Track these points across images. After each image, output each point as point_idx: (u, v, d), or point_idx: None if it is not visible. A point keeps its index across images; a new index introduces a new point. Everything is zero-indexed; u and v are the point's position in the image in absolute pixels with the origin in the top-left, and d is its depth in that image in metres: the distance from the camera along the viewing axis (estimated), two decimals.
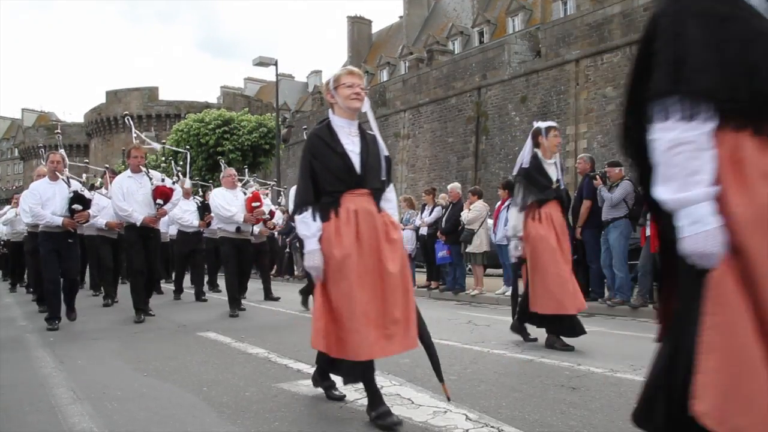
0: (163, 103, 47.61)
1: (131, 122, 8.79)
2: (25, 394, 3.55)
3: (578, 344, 4.74)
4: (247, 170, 15.26)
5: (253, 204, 7.70)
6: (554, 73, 22.25)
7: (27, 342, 5.59)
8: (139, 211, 6.70)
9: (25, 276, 11.62)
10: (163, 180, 7.07)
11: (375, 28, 49.41)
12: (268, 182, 16.15)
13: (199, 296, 9.18)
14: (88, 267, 10.26)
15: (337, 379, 3.19)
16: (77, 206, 6.15)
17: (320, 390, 3.42)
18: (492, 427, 2.75)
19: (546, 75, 22.56)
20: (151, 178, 6.89)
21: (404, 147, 29.43)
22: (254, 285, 9.48)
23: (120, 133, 46.70)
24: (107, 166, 8.87)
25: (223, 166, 9.64)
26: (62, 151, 6.92)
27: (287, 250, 14.49)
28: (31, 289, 9.94)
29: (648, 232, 7.21)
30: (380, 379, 3.62)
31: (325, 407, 3.14)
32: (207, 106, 40.77)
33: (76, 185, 6.33)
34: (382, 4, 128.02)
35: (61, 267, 6.23)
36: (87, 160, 12.95)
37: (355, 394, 3.32)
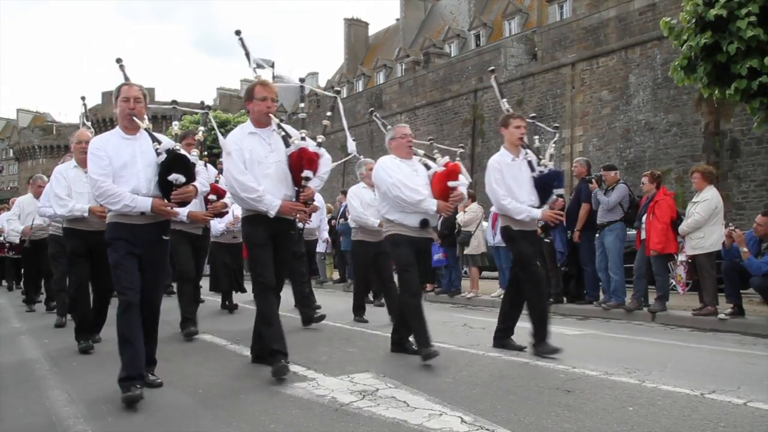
0: (159, 104, 47.46)
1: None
2: (20, 396, 3.54)
3: (573, 347, 4.75)
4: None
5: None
6: (550, 77, 22.30)
7: (21, 344, 5.57)
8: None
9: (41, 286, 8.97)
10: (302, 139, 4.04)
11: (372, 31, 49.42)
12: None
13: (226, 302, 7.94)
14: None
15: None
16: (177, 176, 3.44)
17: (316, 392, 3.42)
18: (487, 429, 2.75)
19: (542, 78, 22.60)
20: (289, 136, 4.00)
21: None
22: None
23: None
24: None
25: (381, 124, 5.68)
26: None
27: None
28: (53, 303, 7.47)
29: (643, 235, 7.25)
30: (375, 382, 3.63)
31: (321, 409, 3.14)
32: (201, 107, 40.58)
33: (167, 141, 3.64)
34: (379, 7, 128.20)
35: (140, 281, 3.54)
36: None
37: (350, 396, 3.33)
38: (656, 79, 18.34)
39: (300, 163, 3.85)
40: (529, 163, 4.74)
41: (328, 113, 4.09)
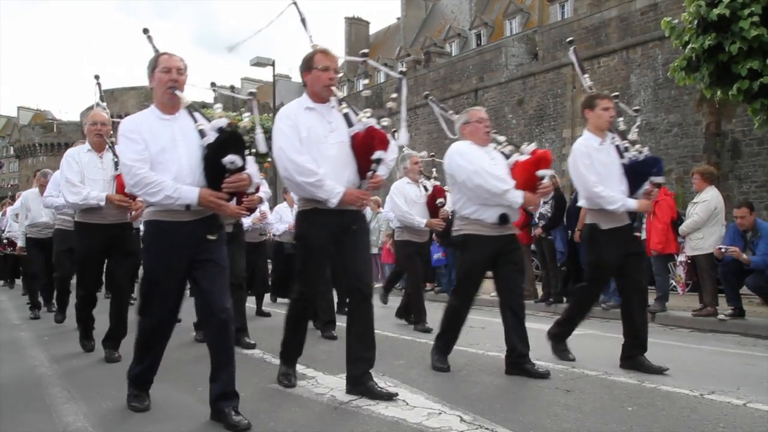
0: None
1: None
2: (20, 394, 3.54)
3: (573, 347, 4.75)
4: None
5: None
6: (551, 76, 22.29)
7: (22, 341, 5.58)
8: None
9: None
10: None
11: (372, 30, 49.41)
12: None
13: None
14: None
15: None
16: (233, 159, 2.79)
17: (315, 390, 3.43)
18: (486, 428, 2.76)
19: (543, 78, 22.59)
20: (355, 112, 3.47)
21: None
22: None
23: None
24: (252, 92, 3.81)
25: (440, 108, 4.84)
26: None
27: None
28: (53, 308, 6.86)
29: (643, 235, 7.25)
30: (376, 381, 3.63)
31: (321, 408, 3.14)
32: (204, 106, 40.63)
33: (218, 120, 2.93)
34: (380, 6, 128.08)
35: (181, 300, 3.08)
36: None
37: (349, 395, 3.33)
38: (657, 80, 18.33)
39: (370, 143, 3.23)
40: (617, 148, 4.16)
41: (394, 95, 3.50)
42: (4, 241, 10.29)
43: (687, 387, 3.52)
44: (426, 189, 6.08)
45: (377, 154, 3.23)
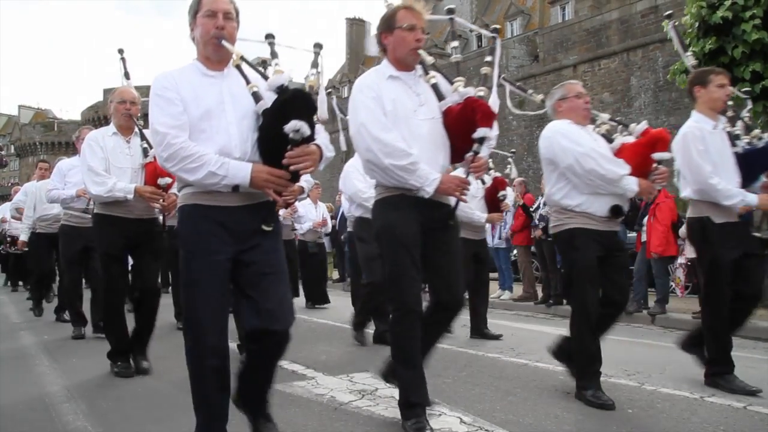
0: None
1: None
2: (19, 393, 3.54)
3: None
4: None
5: None
6: (552, 78, 22.29)
7: (21, 339, 5.57)
8: None
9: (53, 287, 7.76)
10: None
11: (374, 30, 49.42)
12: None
13: None
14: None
15: None
16: (299, 125, 2.11)
17: (315, 391, 3.42)
18: (486, 430, 2.75)
19: (543, 80, 22.61)
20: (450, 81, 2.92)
21: None
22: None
23: None
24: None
25: (516, 87, 4.27)
26: None
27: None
28: (65, 315, 6.35)
29: (643, 237, 7.25)
30: (375, 382, 3.63)
31: (320, 408, 3.14)
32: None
33: (277, 78, 2.28)
34: (381, 6, 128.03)
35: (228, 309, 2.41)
36: None
37: (349, 395, 3.33)
38: (658, 82, 18.36)
39: (470, 117, 2.62)
40: (729, 134, 3.64)
41: (488, 58, 2.87)
42: (8, 239, 9.78)
43: (687, 389, 3.52)
44: (483, 182, 5.50)
45: (481, 132, 2.59)
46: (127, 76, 4.48)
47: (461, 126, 2.67)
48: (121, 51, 4.57)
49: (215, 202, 2.22)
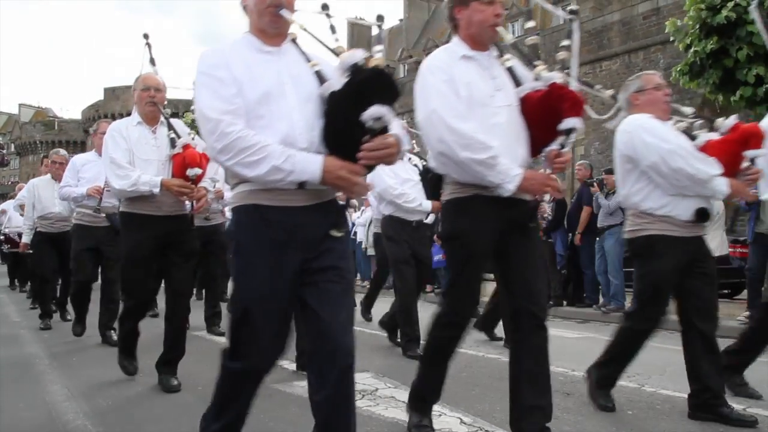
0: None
1: None
2: (19, 392, 3.54)
3: (572, 350, 4.76)
4: None
5: None
6: None
7: (21, 339, 5.58)
8: None
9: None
10: None
11: (375, 31, 49.47)
12: None
13: None
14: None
15: None
16: (378, 113, 1.77)
17: None
18: (486, 430, 2.76)
19: None
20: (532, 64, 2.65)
21: None
22: None
23: None
24: None
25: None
26: None
27: None
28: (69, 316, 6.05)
29: None
30: (375, 382, 3.63)
31: None
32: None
33: (352, 54, 1.85)
34: (383, 7, 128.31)
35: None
36: None
37: None
38: None
39: (556, 106, 2.31)
40: None
41: (564, 42, 2.52)
42: (1, 237, 9.53)
43: (687, 391, 3.52)
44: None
45: (569, 123, 2.28)
46: (152, 62, 4.04)
47: (544, 115, 2.35)
48: (146, 36, 4.21)
49: (278, 202, 1.86)
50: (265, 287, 1.86)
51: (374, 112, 1.75)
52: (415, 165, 4.97)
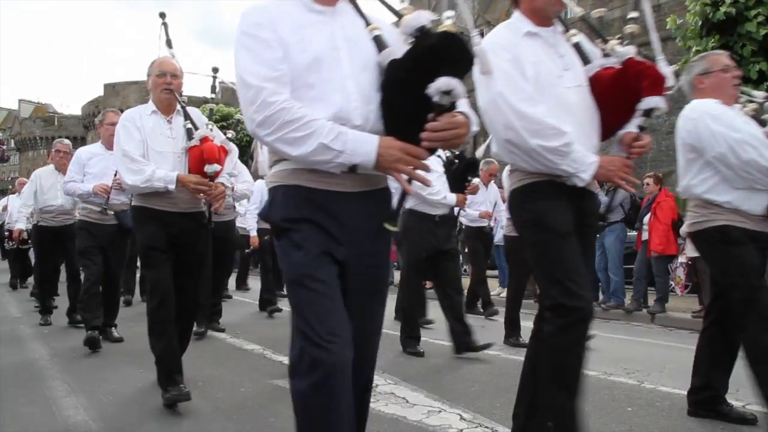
0: None
1: None
2: (20, 387, 3.55)
3: None
4: None
5: None
6: None
7: (22, 334, 5.58)
8: None
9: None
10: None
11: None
12: None
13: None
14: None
15: None
16: (448, 85, 1.47)
17: None
18: (486, 427, 2.76)
19: None
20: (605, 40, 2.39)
21: None
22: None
23: None
24: None
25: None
26: None
27: None
28: (77, 317, 5.53)
29: (644, 236, 7.27)
30: (376, 378, 3.63)
31: None
32: (205, 101, 40.58)
33: (417, 15, 1.61)
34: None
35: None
36: None
37: None
38: None
39: (634, 84, 2.09)
40: None
41: (632, 14, 2.29)
42: (6, 232, 9.39)
43: (686, 388, 3.52)
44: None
45: (650, 102, 2.06)
46: (169, 44, 3.66)
47: (618, 95, 2.13)
48: (162, 15, 3.92)
49: (324, 185, 1.59)
50: (314, 272, 1.57)
51: (443, 84, 1.47)
52: (438, 156, 4.67)
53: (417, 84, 1.49)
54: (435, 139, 1.52)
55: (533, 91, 2.07)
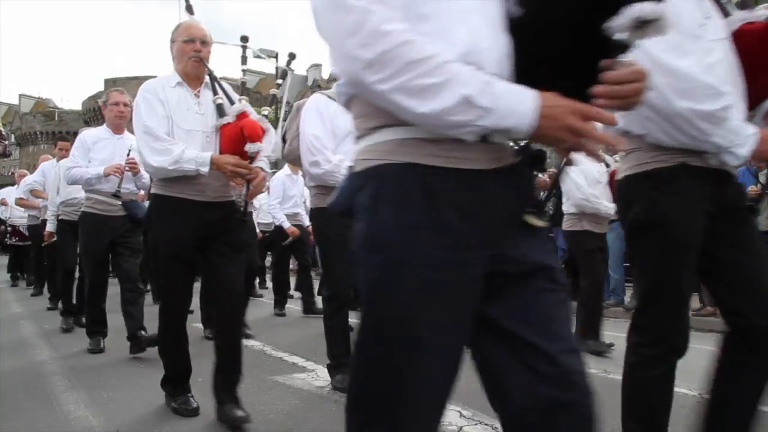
0: None
1: None
2: (21, 382, 3.55)
3: None
4: None
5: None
6: None
7: (22, 329, 5.59)
8: None
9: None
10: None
11: None
12: None
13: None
14: None
15: None
16: (643, 14, 0.94)
17: (315, 383, 3.43)
18: (486, 424, 2.77)
19: None
20: None
21: None
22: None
23: None
24: None
25: None
26: None
27: None
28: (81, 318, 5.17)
29: None
30: None
31: (320, 400, 3.15)
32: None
33: None
34: None
35: None
36: None
37: None
38: None
39: None
40: None
41: None
42: (9, 228, 9.23)
43: (685, 386, 3.52)
44: (607, 165, 4.60)
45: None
46: (189, 9, 3.00)
47: None
48: None
49: (449, 162, 1.05)
50: (434, 303, 1.05)
51: (644, 10, 0.96)
52: (605, 162, 4.43)
53: (589, 11, 1.00)
54: (614, 95, 1.02)
55: (680, 41, 1.59)
